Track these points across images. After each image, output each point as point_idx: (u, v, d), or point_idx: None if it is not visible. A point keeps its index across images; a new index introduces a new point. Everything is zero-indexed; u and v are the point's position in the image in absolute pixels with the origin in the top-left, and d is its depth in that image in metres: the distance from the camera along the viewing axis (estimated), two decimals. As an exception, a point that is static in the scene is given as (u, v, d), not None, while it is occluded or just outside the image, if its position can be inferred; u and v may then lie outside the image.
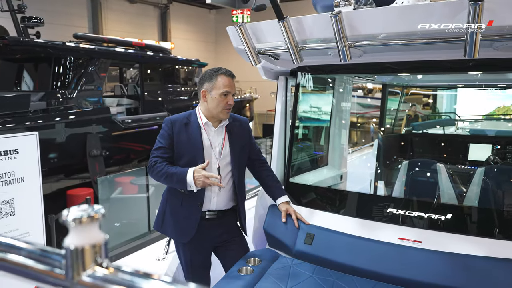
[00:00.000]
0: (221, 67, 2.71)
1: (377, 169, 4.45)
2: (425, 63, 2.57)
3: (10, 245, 0.65)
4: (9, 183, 4.48)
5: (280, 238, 2.77)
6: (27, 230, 4.68)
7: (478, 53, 1.88)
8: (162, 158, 2.70)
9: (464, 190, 3.39)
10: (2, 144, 4.40)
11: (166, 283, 0.59)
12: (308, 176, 3.55)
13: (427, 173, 3.58)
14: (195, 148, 2.69)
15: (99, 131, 9.08)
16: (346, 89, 3.90)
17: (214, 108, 2.67)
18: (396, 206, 2.65)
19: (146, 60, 10.84)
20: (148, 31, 22.38)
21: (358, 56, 2.54)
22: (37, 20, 9.48)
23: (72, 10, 18.41)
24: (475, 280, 2.19)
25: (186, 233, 2.73)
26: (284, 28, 2.24)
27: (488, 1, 1.78)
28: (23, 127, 7.43)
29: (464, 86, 5.68)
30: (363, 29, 2.13)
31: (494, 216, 2.65)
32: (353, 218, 2.73)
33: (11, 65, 9.40)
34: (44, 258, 0.63)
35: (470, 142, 4.53)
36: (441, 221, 2.50)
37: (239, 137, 2.83)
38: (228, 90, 2.64)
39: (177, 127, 2.72)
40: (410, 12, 2.02)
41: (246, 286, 2.30)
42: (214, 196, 2.75)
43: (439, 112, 9.37)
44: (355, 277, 2.40)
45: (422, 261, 2.34)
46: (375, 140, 4.81)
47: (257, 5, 2.36)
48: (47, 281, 0.62)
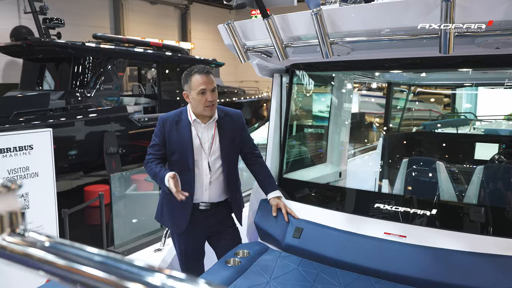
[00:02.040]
0: (196, 66, 2.77)
1: (381, 167, 4.46)
2: (410, 60, 2.60)
3: None
4: (23, 178, 4.66)
5: (270, 231, 2.84)
6: (41, 223, 4.86)
7: (452, 50, 1.91)
8: (155, 155, 2.84)
9: (453, 188, 3.40)
10: (17, 140, 4.59)
11: (73, 248, 0.64)
12: (305, 172, 3.60)
13: (417, 171, 3.59)
14: (184, 145, 2.78)
15: (116, 129, 9.29)
16: (345, 86, 3.93)
17: (196, 107, 2.75)
18: (383, 201, 2.69)
19: (163, 60, 11.03)
20: (169, 31, 22.68)
21: (347, 53, 2.58)
22: (58, 22, 9.76)
23: (95, 11, 18.86)
24: (456, 274, 2.21)
25: (180, 224, 2.86)
26: (269, 26, 2.30)
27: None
28: (43, 125, 7.66)
29: (477, 85, 5.62)
30: (344, 26, 2.17)
31: (476, 213, 2.65)
32: (341, 213, 2.78)
33: (34, 65, 9.73)
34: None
35: (474, 142, 4.50)
36: (426, 216, 2.52)
37: (229, 132, 2.89)
38: (204, 88, 2.69)
39: (168, 125, 2.83)
40: (388, 10, 2.06)
41: (231, 276, 2.37)
42: (206, 189, 2.84)
43: (457, 112, 9.27)
44: (339, 270, 2.45)
45: (405, 255, 2.36)
46: (379, 139, 4.83)
47: (237, 3, 2.42)
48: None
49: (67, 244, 0.66)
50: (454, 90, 8.58)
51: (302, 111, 4.00)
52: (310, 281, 2.35)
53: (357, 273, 2.42)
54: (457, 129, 7.10)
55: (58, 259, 0.62)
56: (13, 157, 4.57)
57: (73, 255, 0.62)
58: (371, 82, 5.32)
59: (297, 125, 3.84)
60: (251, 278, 2.37)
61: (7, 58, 12.35)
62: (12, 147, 4.55)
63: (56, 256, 0.62)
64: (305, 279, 2.36)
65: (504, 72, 3.69)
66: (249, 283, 2.31)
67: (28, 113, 7.68)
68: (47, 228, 4.93)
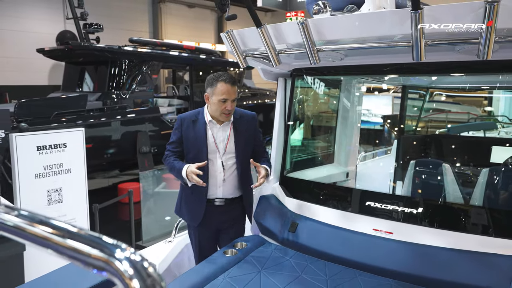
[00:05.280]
0: (224, 73, 2.91)
1: (396, 168, 4.55)
2: (398, 66, 2.73)
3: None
4: (58, 174, 5.02)
5: (267, 226, 3.02)
6: (73, 216, 5.21)
7: (424, 56, 2.04)
8: (173, 152, 3.05)
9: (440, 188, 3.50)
10: (52, 138, 4.95)
11: (52, 228, 0.77)
12: (311, 172, 3.77)
13: (408, 171, 3.70)
14: (199, 144, 2.98)
15: (149, 129, 9.67)
16: (353, 90, 4.06)
17: (214, 111, 2.94)
18: (373, 199, 2.82)
19: (196, 63, 11.34)
20: (205, 34, 23.16)
21: (340, 59, 2.74)
22: (97, 27, 10.26)
23: (135, 15, 19.53)
24: (436, 269, 2.32)
25: (196, 217, 3.06)
26: (262, 34, 2.50)
27: (428, 9, 1.94)
28: (81, 125, 8.11)
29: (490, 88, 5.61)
30: (329, 35, 2.34)
31: (458, 212, 2.75)
32: (334, 209, 2.93)
33: (74, 67, 10.28)
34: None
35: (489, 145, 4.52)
36: (413, 214, 2.64)
37: (244, 132, 3.06)
38: (226, 97, 2.85)
39: (186, 124, 3.03)
40: (366, 20, 2.21)
41: (226, 265, 2.58)
42: (220, 186, 3.04)
43: (493, 115, 9.14)
44: (327, 262, 2.61)
45: (391, 250, 2.50)
46: (394, 141, 4.92)
47: (228, 15, 2.63)
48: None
49: (25, 214, 0.86)
50: (491, 93, 8.49)
51: (308, 113, 4.16)
52: (298, 271, 2.52)
53: (344, 266, 2.57)
54: (484, 133, 7.06)
55: (21, 222, 0.82)
56: (48, 154, 4.92)
57: (27, 219, 0.84)
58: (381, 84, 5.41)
59: (302, 126, 4.01)
60: (244, 268, 2.56)
61: (52, 62, 13.11)
62: (48, 145, 4.86)
63: (20, 221, 0.82)
64: (294, 270, 2.54)
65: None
66: (241, 272, 2.51)
67: (67, 113, 8.16)
68: (79, 221, 5.28)
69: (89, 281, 2.00)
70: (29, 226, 0.78)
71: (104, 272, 0.68)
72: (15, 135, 4.54)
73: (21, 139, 4.62)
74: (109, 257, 0.66)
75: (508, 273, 2.12)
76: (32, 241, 0.79)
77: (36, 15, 15.74)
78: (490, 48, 1.87)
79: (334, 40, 2.34)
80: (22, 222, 0.80)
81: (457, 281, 2.24)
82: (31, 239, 0.79)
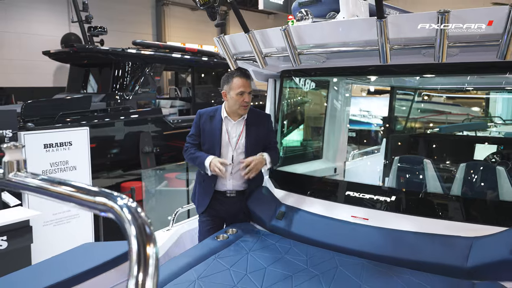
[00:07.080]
0: (238, 69, 3.18)
1: (382, 164, 4.83)
2: (375, 67, 3.00)
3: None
4: (63, 170, 5.27)
5: (258, 214, 3.29)
6: (77, 212, 5.45)
7: (390, 59, 2.30)
8: (192, 144, 3.32)
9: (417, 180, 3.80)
10: (58, 137, 5.19)
11: (72, 187, 1.09)
12: (301, 167, 4.04)
13: (392, 166, 3.98)
14: (214, 137, 3.24)
15: (152, 130, 9.92)
16: (340, 89, 4.34)
17: (233, 105, 3.19)
18: (352, 189, 3.10)
19: (198, 65, 11.59)
20: (208, 36, 23.39)
21: (322, 61, 3.01)
22: (101, 30, 10.55)
23: (138, 18, 19.77)
24: (406, 251, 2.59)
25: (202, 205, 3.35)
26: (249, 39, 2.78)
27: (392, 17, 2.22)
28: (85, 125, 8.36)
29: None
30: (308, 40, 2.61)
31: (426, 200, 3.02)
32: (317, 199, 3.21)
33: (79, 69, 10.53)
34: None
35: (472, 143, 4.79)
36: (387, 202, 2.92)
37: (256, 130, 3.30)
38: (243, 90, 3.11)
39: (204, 119, 3.31)
40: (339, 27, 2.48)
41: (217, 248, 2.85)
42: (230, 179, 3.29)
43: (490, 116, 9.39)
44: (309, 246, 2.87)
45: (366, 234, 2.77)
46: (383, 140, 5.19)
47: (218, 22, 2.90)
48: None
49: (46, 177, 1.14)
50: (488, 94, 8.75)
51: (296, 112, 4.44)
52: (282, 253, 2.79)
53: (325, 249, 2.84)
54: (475, 133, 7.35)
55: (44, 184, 1.09)
56: (54, 151, 5.15)
57: (48, 181, 1.11)
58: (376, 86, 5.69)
59: (291, 125, 4.29)
60: (233, 250, 2.83)
61: (57, 64, 13.37)
62: (54, 143, 5.10)
63: (43, 183, 1.10)
64: (278, 252, 2.80)
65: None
66: (230, 253, 2.78)
67: (72, 114, 8.43)
68: (83, 217, 5.52)
69: (93, 261, 2.27)
70: (51, 186, 1.06)
71: (109, 214, 0.96)
72: (23, 133, 4.79)
73: (29, 137, 4.87)
74: (113, 203, 0.93)
75: (465, 251, 2.39)
76: (56, 198, 1.06)
77: (41, 18, 16.01)
78: (444, 52, 2.13)
79: (313, 44, 2.61)
80: (44, 183, 1.07)
81: (423, 260, 2.50)
82: (55, 196, 1.06)
